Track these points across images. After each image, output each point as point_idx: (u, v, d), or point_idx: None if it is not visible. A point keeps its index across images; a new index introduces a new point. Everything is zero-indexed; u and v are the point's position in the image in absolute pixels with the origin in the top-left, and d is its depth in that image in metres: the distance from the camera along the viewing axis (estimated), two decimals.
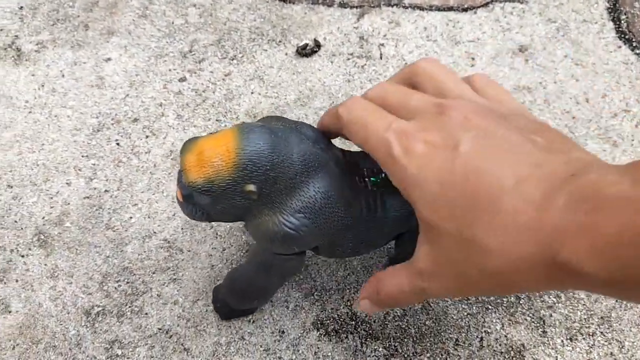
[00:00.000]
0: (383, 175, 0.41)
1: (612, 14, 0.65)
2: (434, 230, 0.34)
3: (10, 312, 0.48)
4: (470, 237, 0.32)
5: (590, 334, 0.47)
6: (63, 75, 0.62)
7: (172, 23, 0.66)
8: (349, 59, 0.63)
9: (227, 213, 0.39)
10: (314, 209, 0.39)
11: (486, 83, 0.40)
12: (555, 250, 0.30)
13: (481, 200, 0.32)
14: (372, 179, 0.42)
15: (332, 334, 0.47)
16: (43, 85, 0.62)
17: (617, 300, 0.48)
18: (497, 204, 0.32)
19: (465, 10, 0.66)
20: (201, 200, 0.38)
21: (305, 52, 0.63)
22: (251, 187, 0.37)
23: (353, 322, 0.48)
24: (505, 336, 0.47)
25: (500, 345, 0.47)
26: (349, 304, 0.49)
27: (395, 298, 0.38)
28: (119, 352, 0.47)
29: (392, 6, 0.67)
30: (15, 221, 0.53)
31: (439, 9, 0.66)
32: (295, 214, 0.39)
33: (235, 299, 0.46)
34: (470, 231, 0.32)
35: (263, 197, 0.38)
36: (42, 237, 0.52)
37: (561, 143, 0.35)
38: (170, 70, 0.63)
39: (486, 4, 0.66)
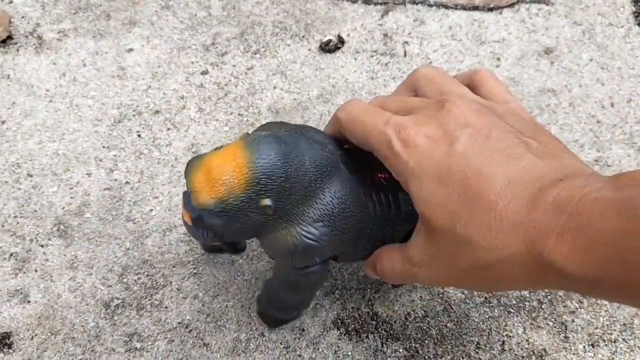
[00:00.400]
0: None
1: (638, 18, 0.65)
2: (429, 223, 0.35)
3: (29, 302, 0.48)
4: (462, 233, 0.33)
5: (613, 340, 0.47)
6: (84, 65, 0.62)
7: (195, 15, 0.66)
8: (372, 56, 0.62)
9: (240, 232, 0.38)
10: (332, 216, 0.38)
11: (490, 81, 0.41)
12: (541, 249, 0.31)
13: (475, 198, 0.33)
14: None
15: (353, 333, 0.47)
16: (64, 74, 0.61)
17: None
18: (490, 202, 0.33)
19: (490, 10, 0.65)
20: (213, 222, 0.36)
21: (328, 48, 0.63)
22: (267, 202, 0.36)
23: (374, 322, 0.47)
24: (527, 340, 0.47)
25: (521, 349, 0.46)
26: (370, 303, 0.48)
27: (388, 276, 0.40)
28: (138, 345, 0.46)
29: (417, 4, 0.66)
30: (35, 210, 0.53)
31: (464, 8, 0.66)
32: (314, 224, 0.37)
33: (276, 310, 0.45)
34: (463, 227, 0.33)
35: (278, 211, 0.37)
36: (62, 227, 0.52)
37: (555, 148, 0.36)
38: (192, 62, 0.62)
39: (512, 5, 0.66)
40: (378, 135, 0.37)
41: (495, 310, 0.48)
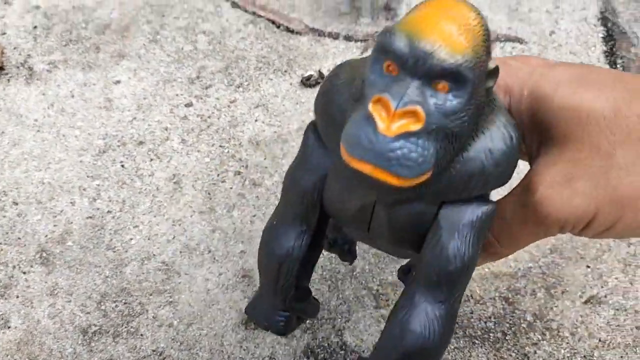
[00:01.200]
0: None
1: (608, 57, 0.67)
2: (575, 118, 0.30)
3: (9, 327, 0.50)
4: (634, 111, 0.29)
5: None
6: (73, 96, 0.64)
7: (182, 49, 0.68)
8: None
9: (465, 129, 0.28)
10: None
11: None
12: None
13: (633, 82, 0.30)
14: None
15: None
16: (53, 105, 0.64)
17: (600, 340, 0.49)
18: None
19: None
20: (454, 105, 0.27)
21: (309, 82, 0.65)
22: (494, 63, 0.29)
23: (342, 352, 0.49)
24: None
25: None
26: (339, 333, 0.50)
27: (496, 234, 0.33)
28: None
29: None
30: (19, 238, 0.54)
31: None
32: (508, 113, 0.30)
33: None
34: (633, 105, 0.29)
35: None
36: (44, 254, 0.53)
37: None
38: (177, 95, 0.65)
39: None
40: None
41: (461, 341, 0.50)
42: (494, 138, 0.29)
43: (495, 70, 0.28)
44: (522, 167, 0.33)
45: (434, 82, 0.27)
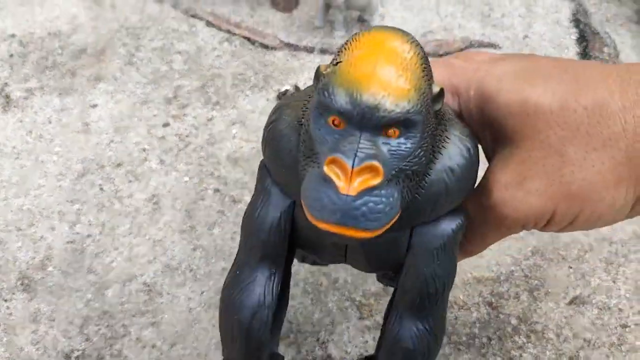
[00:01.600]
0: None
1: (582, 58, 0.67)
2: (522, 114, 0.29)
3: None
4: (584, 103, 0.28)
5: None
6: (50, 122, 0.64)
7: (158, 70, 0.69)
8: None
9: (423, 164, 0.28)
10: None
11: None
12: None
13: (586, 70, 0.30)
14: None
15: None
16: (31, 132, 0.64)
17: (585, 340, 0.49)
18: (604, 69, 0.30)
19: (440, 56, 0.68)
20: (406, 149, 0.27)
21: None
22: (438, 87, 0.28)
23: None
24: None
25: None
26: (323, 346, 0.50)
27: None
28: None
29: None
30: (0, 265, 0.54)
31: None
32: (462, 123, 0.31)
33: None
34: (584, 97, 0.28)
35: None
36: (26, 281, 0.53)
37: None
38: (154, 115, 0.65)
39: (461, 50, 0.68)
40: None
41: (446, 348, 0.50)
42: (452, 155, 0.29)
43: (441, 93, 0.28)
44: (483, 165, 0.33)
45: (384, 130, 0.26)
